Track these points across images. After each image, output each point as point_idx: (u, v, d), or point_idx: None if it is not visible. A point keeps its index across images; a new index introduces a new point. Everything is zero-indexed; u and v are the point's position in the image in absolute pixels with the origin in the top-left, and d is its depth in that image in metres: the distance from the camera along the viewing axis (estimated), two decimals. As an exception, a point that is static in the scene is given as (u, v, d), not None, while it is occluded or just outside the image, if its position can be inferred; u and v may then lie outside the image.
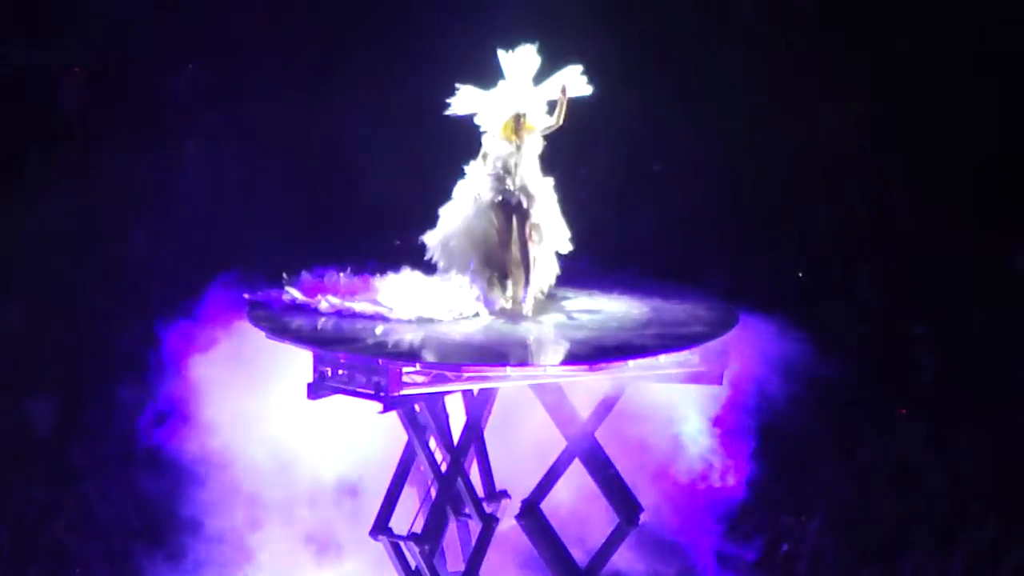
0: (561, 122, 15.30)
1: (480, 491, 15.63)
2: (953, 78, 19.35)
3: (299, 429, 16.06)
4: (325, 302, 15.29)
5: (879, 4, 19.39)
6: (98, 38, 19.29)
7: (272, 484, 16.43)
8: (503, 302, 15.48)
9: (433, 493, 15.32)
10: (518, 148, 15.29)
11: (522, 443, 16.02)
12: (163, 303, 17.25)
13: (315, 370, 14.66)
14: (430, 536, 15.21)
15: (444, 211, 15.52)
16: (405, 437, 15.39)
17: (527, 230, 15.40)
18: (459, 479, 15.19)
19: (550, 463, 15.53)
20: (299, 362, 14.88)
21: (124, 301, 19.13)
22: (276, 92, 19.35)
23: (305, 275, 15.72)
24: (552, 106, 15.29)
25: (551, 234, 15.50)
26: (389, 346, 14.53)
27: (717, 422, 16.29)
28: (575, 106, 15.23)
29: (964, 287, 19.23)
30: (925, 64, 19.34)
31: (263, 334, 14.91)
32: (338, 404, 14.92)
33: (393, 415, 14.96)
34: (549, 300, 15.68)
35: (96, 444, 18.68)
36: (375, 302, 15.29)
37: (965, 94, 19.32)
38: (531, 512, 15.50)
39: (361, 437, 16.02)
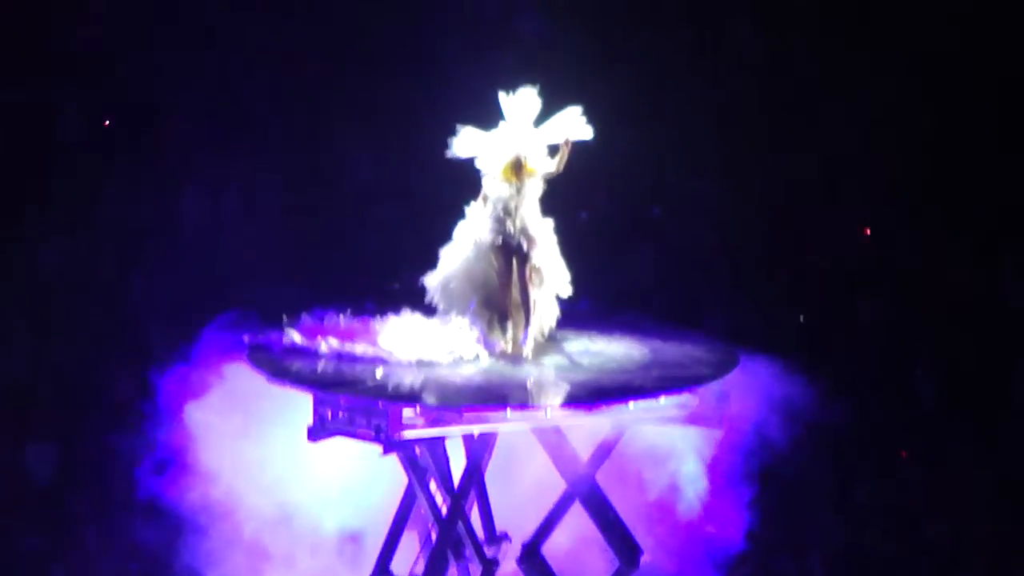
0: (561, 169, 15.35)
1: (481, 534, 15.60)
2: (955, 114, 19.41)
3: (300, 475, 16.04)
4: (325, 345, 15.31)
5: (881, 39, 19.45)
6: (97, 80, 19.29)
7: (273, 531, 16.35)
8: (503, 344, 15.48)
9: (434, 536, 15.28)
10: (518, 190, 15.31)
11: (523, 486, 16.00)
12: (162, 347, 17.18)
13: (315, 413, 14.65)
14: (431, 580, 15.19)
15: (444, 253, 15.56)
16: (406, 481, 15.38)
17: (527, 272, 15.42)
18: (459, 522, 15.15)
19: (550, 506, 15.52)
20: (299, 405, 14.88)
21: (123, 345, 19.07)
22: (276, 133, 19.35)
23: (305, 317, 15.74)
24: (553, 150, 15.35)
25: (551, 277, 15.52)
26: (389, 389, 14.51)
27: (716, 464, 16.25)
28: (575, 148, 15.28)
29: (967, 328, 19.24)
30: (929, 102, 19.38)
31: (263, 377, 14.90)
32: (339, 448, 14.92)
33: (393, 458, 14.95)
34: (549, 342, 15.69)
35: (95, 492, 18.57)
36: (375, 344, 15.30)
37: (969, 131, 19.37)
38: (532, 555, 15.45)
39: (362, 482, 16.01)
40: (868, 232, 19.70)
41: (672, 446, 15.94)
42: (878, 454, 19.06)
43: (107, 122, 19.14)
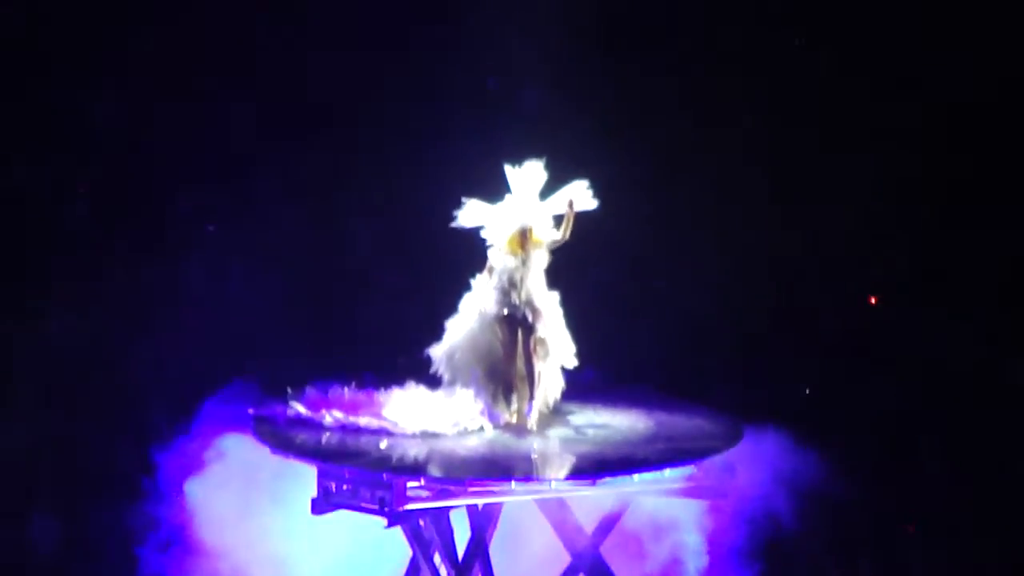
0: (567, 237, 15.41)
1: (485, 607, 15.53)
2: (961, 185, 19.43)
3: (304, 549, 16.00)
4: (329, 416, 15.30)
5: (890, 106, 19.51)
6: (97, 154, 19.32)
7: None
8: (508, 416, 15.49)
9: (437, 610, 15.22)
10: (524, 262, 15.38)
11: (527, 558, 15.94)
12: (165, 421, 17.14)
13: (319, 485, 14.62)
14: (434, 655, 15.09)
15: (450, 324, 15.59)
16: (410, 553, 15.31)
17: (532, 344, 15.46)
18: (464, 596, 15.10)
19: (555, 579, 15.48)
20: (303, 478, 14.83)
21: (124, 420, 19.00)
22: (278, 204, 19.37)
23: (309, 389, 15.74)
24: (558, 220, 15.41)
25: (556, 348, 15.54)
26: (394, 460, 14.49)
27: (720, 537, 16.22)
28: (580, 220, 15.34)
29: (974, 398, 19.20)
30: (942, 165, 19.40)
31: (267, 449, 14.87)
32: (343, 521, 14.86)
33: (397, 530, 14.88)
34: (554, 414, 15.69)
35: (98, 570, 18.44)
36: (379, 416, 15.29)
37: (979, 201, 19.39)
38: (536, 629, 15.42)
39: (366, 555, 15.95)
40: (874, 301, 19.71)
41: (676, 518, 15.92)
42: (884, 528, 18.98)
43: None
